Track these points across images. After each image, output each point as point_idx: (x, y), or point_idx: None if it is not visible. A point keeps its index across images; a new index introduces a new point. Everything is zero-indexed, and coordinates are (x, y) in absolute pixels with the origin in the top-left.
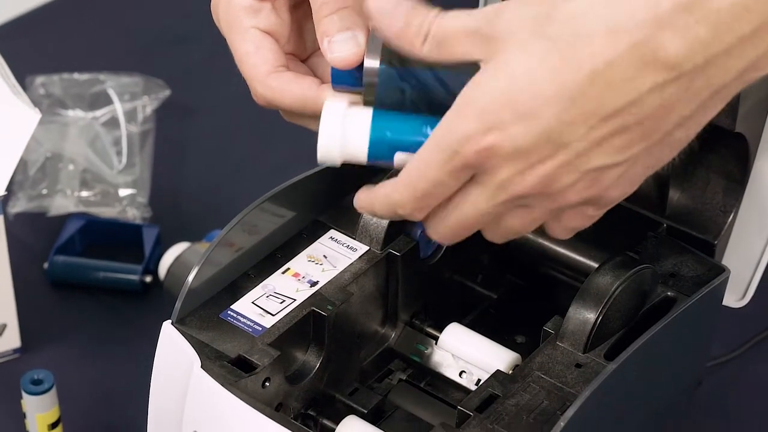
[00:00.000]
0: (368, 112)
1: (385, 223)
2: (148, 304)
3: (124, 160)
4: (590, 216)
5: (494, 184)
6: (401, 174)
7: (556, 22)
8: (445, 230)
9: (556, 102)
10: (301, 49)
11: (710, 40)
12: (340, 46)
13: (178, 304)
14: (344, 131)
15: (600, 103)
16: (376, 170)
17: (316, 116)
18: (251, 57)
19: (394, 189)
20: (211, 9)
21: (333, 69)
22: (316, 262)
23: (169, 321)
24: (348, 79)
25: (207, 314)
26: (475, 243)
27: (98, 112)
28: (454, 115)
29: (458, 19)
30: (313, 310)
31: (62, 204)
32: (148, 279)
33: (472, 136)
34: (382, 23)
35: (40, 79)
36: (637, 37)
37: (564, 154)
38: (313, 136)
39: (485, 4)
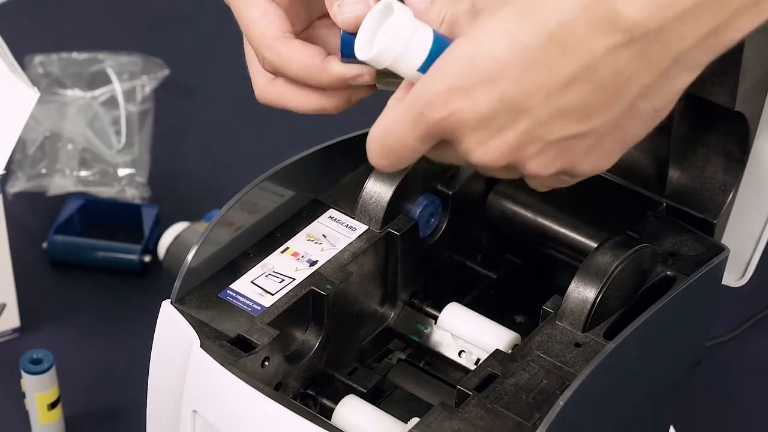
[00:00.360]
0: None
1: (384, 202)
2: (147, 283)
3: (123, 139)
4: (565, 181)
5: (462, 150)
6: (374, 125)
7: None
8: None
9: (514, 65)
10: (306, 16)
11: (665, 3)
12: (350, 8)
13: (177, 284)
14: (411, 33)
15: (557, 66)
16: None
17: (319, 85)
18: (258, 23)
19: (369, 136)
20: None
21: (342, 38)
22: (316, 241)
23: (169, 300)
24: None
25: (206, 293)
26: (474, 223)
27: (97, 92)
28: (425, 79)
29: (465, 2)
30: (313, 289)
31: (61, 183)
32: (147, 258)
33: (437, 99)
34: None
35: (38, 58)
36: None
37: (525, 122)
38: (309, 117)
39: None
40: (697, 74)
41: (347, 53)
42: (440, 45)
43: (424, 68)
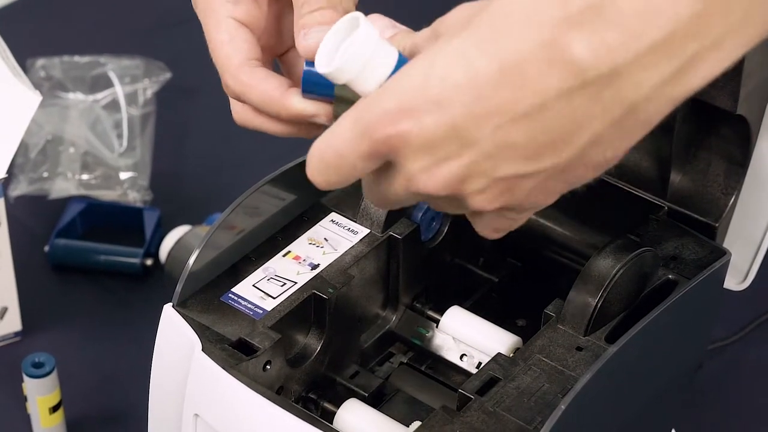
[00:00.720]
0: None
1: None
2: (149, 287)
3: (125, 143)
4: (512, 219)
5: (404, 176)
6: (317, 138)
7: (483, 14)
8: (374, 200)
9: (465, 92)
10: (278, 44)
11: (617, 45)
12: (314, 35)
13: (178, 287)
14: (375, 50)
15: (508, 101)
16: None
17: (278, 118)
18: (224, 47)
19: (311, 149)
20: None
21: (304, 74)
22: (317, 245)
23: (170, 304)
24: (318, 87)
25: (208, 297)
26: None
27: (99, 95)
28: (374, 95)
29: (426, 30)
30: (314, 293)
31: (63, 187)
32: (149, 262)
33: (385, 117)
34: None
35: (40, 62)
36: (546, 34)
37: (471, 153)
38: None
39: None
40: (650, 128)
41: (309, 90)
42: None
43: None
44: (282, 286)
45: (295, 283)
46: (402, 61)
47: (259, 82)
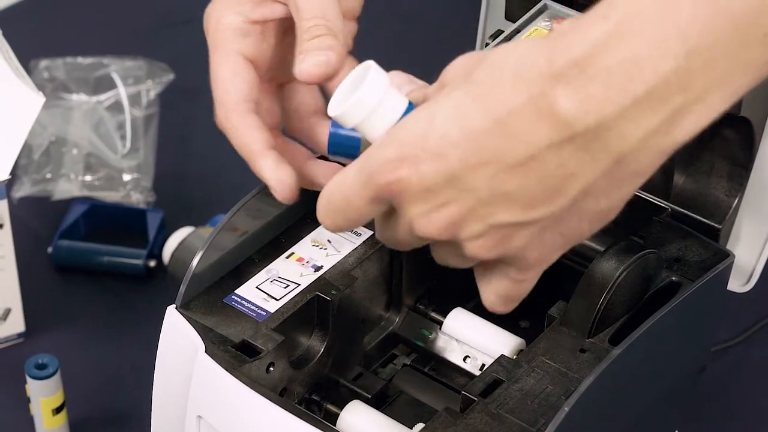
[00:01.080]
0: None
1: None
2: (152, 288)
3: (128, 144)
4: (516, 279)
5: (406, 220)
6: (327, 184)
7: (480, 68)
8: (385, 242)
9: (461, 145)
10: (282, 74)
11: (602, 99)
12: (310, 59)
13: (182, 289)
14: (384, 97)
15: (502, 151)
16: None
17: (253, 166)
18: (226, 83)
19: (320, 193)
20: (204, 19)
21: (330, 136)
22: (321, 246)
23: (174, 305)
24: (343, 148)
25: (211, 299)
26: None
27: (102, 96)
28: (378, 144)
29: (437, 82)
30: (317, 294)
31: (66, 188)
32: (152, 263)
33: (387, 164)
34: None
35: (43, 63)
36: (536, 89)
37: (468, 199)
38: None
39: (485, 22)
40: (642, 181)
41: (334, 150)
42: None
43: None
44: (285, 287)
45: (299, 284)
46: (411, 109)
47: (246, 129)
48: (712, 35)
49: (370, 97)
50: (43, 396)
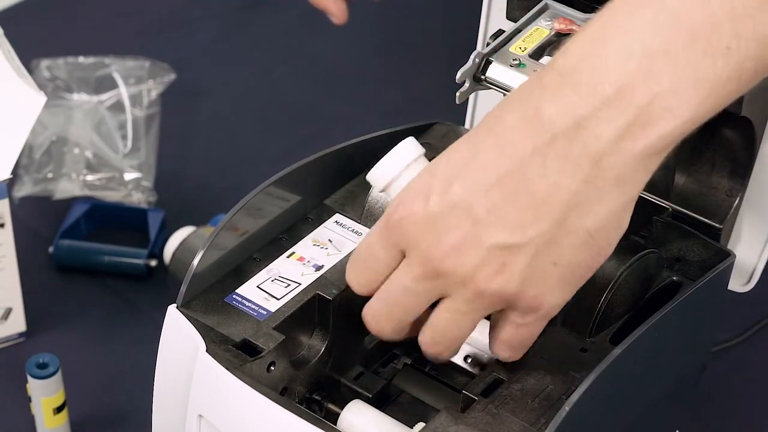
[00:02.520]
0: None
1: None
2: (153, 288)
3: (130, 144)
4: (518, 324)
5: (414, 257)
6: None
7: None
8: (375, 308)
9: (465, 164)
10: None
11: (576, 101)
12: None
13: (183, 288)
14: (411, 165)
15: (494, 164)
16: None
17: None
18: None
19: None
20: None
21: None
22: (321, 246)
23: (174, 305)
24: None
25: (212, 298)
26: None
27: (103, 96)
28: (400, 192)
29: None
30: (318, 294)
31: (67, 188)
32: (153, 263)
33: (401, 204)
34: None
35: (45, 63)
36: (525, 103)
37: (467, 221)
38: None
39: (486, 22)
40: (627, 195)
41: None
42: None
43: None
44: (286, 287)
45: (300, 284)
46: None
47: None
48: (673, 42)
49: (395, 162)
50: (44, 395)
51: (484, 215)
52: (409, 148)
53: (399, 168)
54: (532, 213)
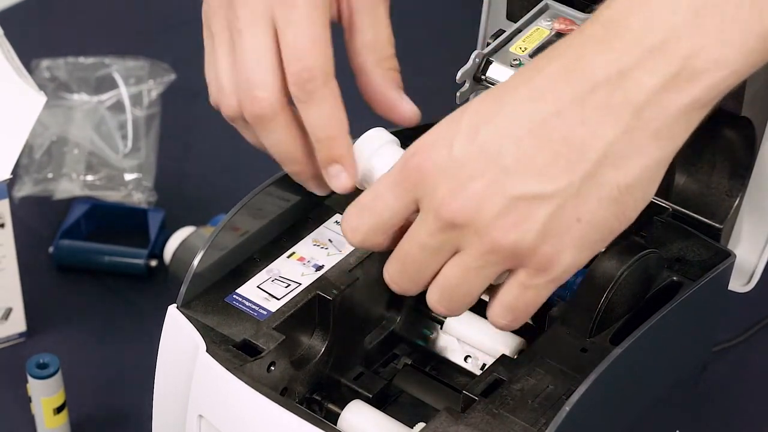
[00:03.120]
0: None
1: None
2: (153, 288)
3: (130, 144)
4: (526, 285)
5: (429, 207)
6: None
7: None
8: (393, 268)
9: (492, 108)
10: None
11: (621, 51)
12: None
13: (183, 288)
14: (379, 148)
15: (527, 110)
16: None
17: (334, 144)
18: (314, 49)
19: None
20: None
21: None
22: (322, 246)
23: (175, 305)
24: None
25: (212, 298)
26: None
27: (104, 96)
28: (420, 138)
29: None
30: (318, 294)
31: (67, 188)
32: (154, 263)
33: (420, 149)
34: None
35: (45, 63)
36: (566, 53)
37: (492, 169)
38: None
39: (486, 22)
40: (664, 150)
41: None
42: None
43: None
44: (286, 287)
45: (300, 284)
46: None
47: (335, 100)
48: None
49: (368, 144)
50: (44, 395)
51: (512, 163)
52: (378, 132)
53: (371, 149)
54: (565, 162)
